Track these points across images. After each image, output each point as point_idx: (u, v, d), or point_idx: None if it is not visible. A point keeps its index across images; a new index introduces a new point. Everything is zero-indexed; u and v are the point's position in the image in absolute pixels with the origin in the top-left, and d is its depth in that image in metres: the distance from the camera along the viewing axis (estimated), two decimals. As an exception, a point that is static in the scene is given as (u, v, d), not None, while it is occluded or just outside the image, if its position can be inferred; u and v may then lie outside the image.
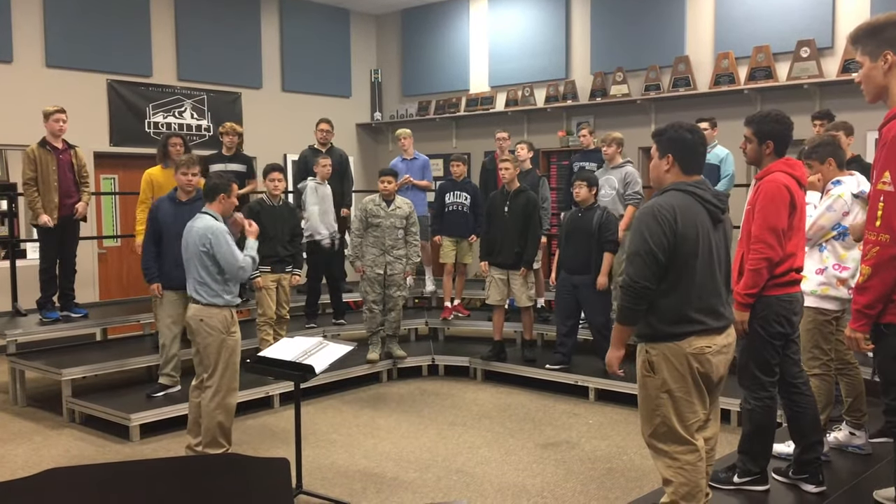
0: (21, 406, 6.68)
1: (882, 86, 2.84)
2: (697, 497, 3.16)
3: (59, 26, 8.90)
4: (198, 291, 4.95)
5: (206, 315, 4.92)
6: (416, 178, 8.66)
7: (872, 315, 2.78)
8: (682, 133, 3.22)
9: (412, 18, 11.88)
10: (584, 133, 8.05)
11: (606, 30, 9.82)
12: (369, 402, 6.86)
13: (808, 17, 8.21)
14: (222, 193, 5.01)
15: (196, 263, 4.92)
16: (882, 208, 2.72)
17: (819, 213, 4.34)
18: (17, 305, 7.42)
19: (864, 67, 2.86)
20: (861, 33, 2.85)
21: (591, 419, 6.24)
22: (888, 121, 2.79)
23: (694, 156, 3.25)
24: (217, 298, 4.92)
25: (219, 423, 4.98)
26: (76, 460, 5.39)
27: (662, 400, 3.13)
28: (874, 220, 2.76)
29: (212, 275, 4.90)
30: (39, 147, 6.78)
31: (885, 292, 2.73)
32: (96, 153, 9.14)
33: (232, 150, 7.79)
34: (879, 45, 2.80)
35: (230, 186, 5.06)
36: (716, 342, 3.15)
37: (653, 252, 3.06)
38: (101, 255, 9.39)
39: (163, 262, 5.92)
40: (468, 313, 8.52)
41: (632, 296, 3.12)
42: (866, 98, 2.92)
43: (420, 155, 8.87)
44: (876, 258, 2.73)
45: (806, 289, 4.42)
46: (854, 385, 4.60)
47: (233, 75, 10.52)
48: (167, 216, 5.87)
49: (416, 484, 4.92)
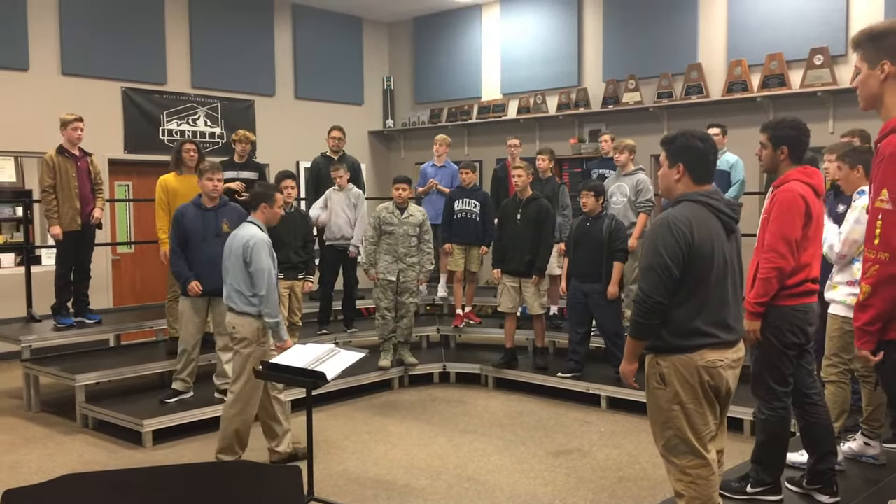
0: (35, 411, 6.72)
1: (876, 94, 2.77)
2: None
3: (75, 34, 8.99)
4: (232, 298, 5.02)
5: (238, 323, 4.99)
6: (445, 186, 8.62)
7: (874, 332, 2.74)
8: (694, 141, 3.15)
9: (424, 26, 11.92)
10: (605, 139, 8.03)
11: (619, 37, 9.82)
12: (381, 409, 6.86)
13: (822, 25, 8.17)
14: (263, 203, 5.07)
15: (235, 271, 4.98)
16: (880, 226, 2.67)
17: (849, 229, 4.27)
18: (32, 311, 7.48)
19: (862, 73, 2.80)
20: (863, 38, 2.80)
21: (602, 427, 6.22)
22: (885, 135, 2.72)
23: (705, 164, 3.18)
24: (249, 307, 4.97)
25: (235, 430, 5.01)
26: (89, 466, 5.41)
27: (675, 412, 3.08)
28: (872, 238, 2.70)
29: (248, 283, 4.95)
30: (58, 154, 6.85)
31: (886, 310, 2.68)
32: (111, 160, 9.20)
33: (244, 157, 7.81)
34: (878, 53, 2.73)
35: (273, 196, 5.12)
36: (727, 356, 3.11)
37: (668, 266, 3.01)
38: (115, 261, 9.45)
39: (190, 267, 5.92)
40: (479, 321, 8.51)
41: (645, 311, 3.05)
42: (860, 104, 2.85)
43: (451, 163, 8.87)
44: (876, 277, 2.68)
45: (836, 297, 4.40)
46: (876, 394, 4.57)
47: (246, 83, 10.58)
48: (192, 222, 5.89)
49: (427, 491, 4.91)
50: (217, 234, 5.89)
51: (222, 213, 5.98)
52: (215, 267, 5.67)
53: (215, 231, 5.90)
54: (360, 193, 7.85)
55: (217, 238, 5.87)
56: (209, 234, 5.89)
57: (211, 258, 5.82)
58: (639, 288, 3.12)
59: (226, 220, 5.95)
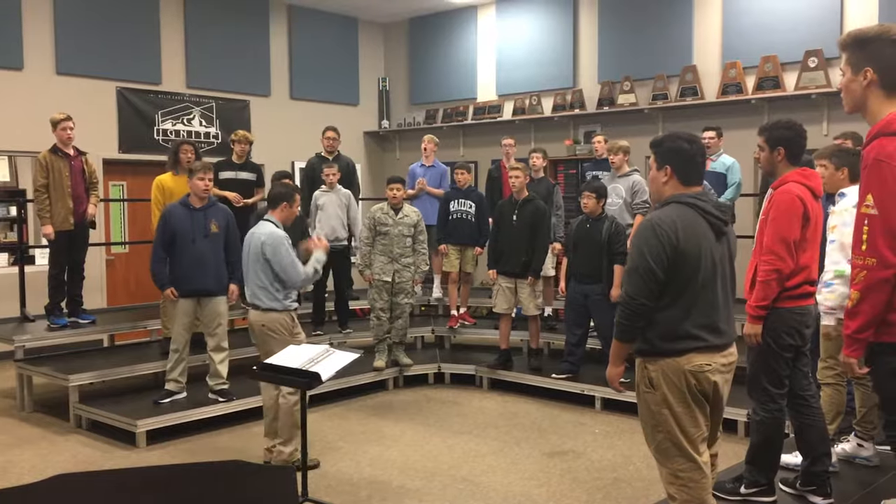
0: (28, 412, 6.69)
1: (859, 100, 2.78)
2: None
3: (70, 34, 8.96)
4: (257, 296, 5.10)
5: (266, 320, 5.08)
6: (433, 186, 8.61)
7: (864, 339, 2.74)
8: (680, 143, 3.13)
9: (420, 27, 11.92)
10: (598, 140, 8.04)
11: (614, 39, 9.83)
12: (375, 409, 6.86)
13: (816, 27, 8.19)
14: (284, 202, 5.18)
15: (256, 269, 5.07)
16: (867, 232, 2.68)
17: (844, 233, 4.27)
18: (26, 311, 7.45)
19: (846, 77, 2.81)
20: (849, 41, 2.80)
21: (597, 428, 6.22)
22: (868, 141, 2.74)
23: (693, 166, 3.15)
24: (276, 303, 5.09)
25: (294, 420, 5.06)
26: (83, 466, 5.40)
27: (664, 416, 3.05)
28: (860, 243, 2.71)
29: (270, 280, 5.05)
30: (51, 154, 6.83)
31: (876, 316, 2.68)
32: (105, 160, 9.17)
33: (243, 158, 7.82)
34: (862, 59, 2.74)
35: (293, 196, 5.22)
36: (715, 360, 3.07)
37: (651, 269, 2.98)
38: (109, 261, 9.42)
39: (178, 267, 5.92)
40: (474, 321, 8.51)
41: (629, 313, 3.04)
42: (845, 108, 2.87)
43: (439, 163, 8.86)
44: (864, 282, 2.68)
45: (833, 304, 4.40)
46: (869, 395, 4.57)
47: (241, 83, 10.56)
48: (180, 222, 5.89)
49: (421, 492, 4.91)
50: (206, 234, 5.89)
51: (211, 213, 5.97)
52: (203, 267, 5.65)
53: (203, 231, 5.89)
54: (350, 194, 7.84)
55: (206, 238, 5.87)
56: (197, 235, 5.88)
57: (199, 258, 5.83)
58: (623, 291, 3.10)
59: (214, 220, 5.94)
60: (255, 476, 2.04)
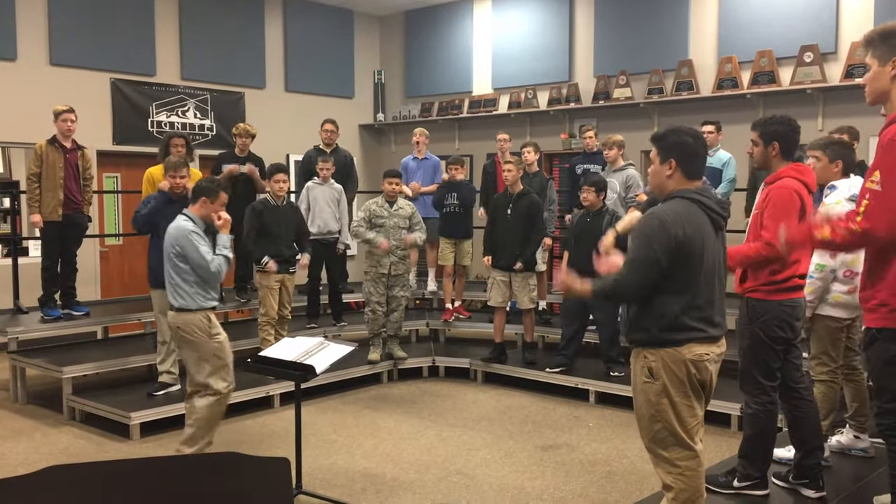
0: (21, 403, 6.68)
1: (885, 91, 2.91)
2: (698, 502, 3.16)
3: (64, 24, 8.91)
4: (171, 295, 4.83)
5: (181, 322, 4.77)
6: (427, 179, 8.57)
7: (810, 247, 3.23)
8: (685, 137, 3.15)
9: (416, 20, 11.88)
10: (588, 135, 8.04)
11: (610, 33, 9.82)
12: (370, 402, 6.86)
13: (812, 22, 8.20)
14: (204, 197, 4.82)
15: (168, 266, 4.80)
16: (866, 205, 2.81)
17: None
18: (19, 303, 7.43)
19: (872, 70, 2.94)
20: (875, 36, 2.93)
21: (591, 422, 6.24)
22: (888, 125, 2.87)
23: (696, 160, 3.18)
24: (189, 302, 4.76)
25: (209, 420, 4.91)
26: (76, 458, 5.39)
27: (663, 405, 3.09)
28: (857, 214, 2.85)
29: (183, 277, 4.75)
30: (49, 144, 6.83)
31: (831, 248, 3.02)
32: (99, 151, 9.13)
33: (245, 151, 7.83)
34: (889, 51, 2.87)
35: (217, 193, 4.85)
36: (712, 350, 3.13)
37: (657, 260, 3.00)
38: (102, 253, 9.40)
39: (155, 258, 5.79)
40: (469, 315, 8.51)
41: (620, 296, 3.19)
42: (867, 99, 3.01)
43: (431, 156, 8.82)
44: (844, 237, 2.86)
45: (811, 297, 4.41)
46: (859, 390, 4.60)
47: (236, 75, 10.53)
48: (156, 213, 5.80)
49: (415, 485, 4.91)
50: None
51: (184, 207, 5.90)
52: None
53: None
54: (342, 189, 7.81)
55: None
56: None
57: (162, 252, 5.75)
58: (623, 276, 3.07)
59: None
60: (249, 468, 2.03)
